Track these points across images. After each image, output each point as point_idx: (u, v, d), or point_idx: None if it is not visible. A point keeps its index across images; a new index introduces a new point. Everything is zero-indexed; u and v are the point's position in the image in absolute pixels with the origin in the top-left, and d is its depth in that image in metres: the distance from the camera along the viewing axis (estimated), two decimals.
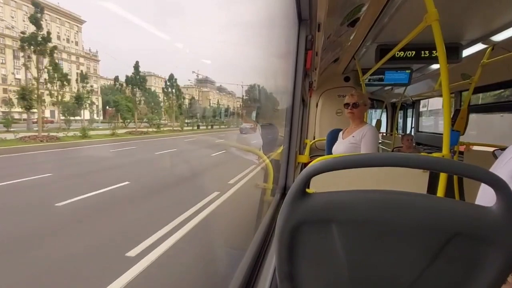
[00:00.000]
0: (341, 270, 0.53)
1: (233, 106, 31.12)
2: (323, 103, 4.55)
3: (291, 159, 1.94)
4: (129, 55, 22.09)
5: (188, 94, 20.49)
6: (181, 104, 12.96)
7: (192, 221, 3.52)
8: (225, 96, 32.24)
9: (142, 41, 17.06)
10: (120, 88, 11.65)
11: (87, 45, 11.52)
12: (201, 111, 19.39)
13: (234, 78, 29.20)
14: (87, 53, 11.14)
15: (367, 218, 0.49)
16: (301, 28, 1.60)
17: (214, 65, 19.43)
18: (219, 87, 32.25)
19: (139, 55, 29.86)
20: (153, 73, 15.44)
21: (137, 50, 24.07)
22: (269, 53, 2.30)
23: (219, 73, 16.64)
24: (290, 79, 1.75)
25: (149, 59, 21.97)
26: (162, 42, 17.28)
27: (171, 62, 21.38)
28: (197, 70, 19.27)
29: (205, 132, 16.74)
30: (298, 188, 0.50)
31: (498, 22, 2.00)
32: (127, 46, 18.82)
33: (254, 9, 2.55)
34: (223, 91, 32.09)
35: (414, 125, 5.82)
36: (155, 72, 16.22)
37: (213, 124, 17.62)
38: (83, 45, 10.73)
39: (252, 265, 1.01)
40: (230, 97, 32.51)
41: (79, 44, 10.44)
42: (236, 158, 8.58)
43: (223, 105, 30.00)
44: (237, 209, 4.38)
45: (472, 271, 0.47)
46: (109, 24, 21.93)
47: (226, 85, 32.75)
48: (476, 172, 0.44)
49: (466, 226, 0.45)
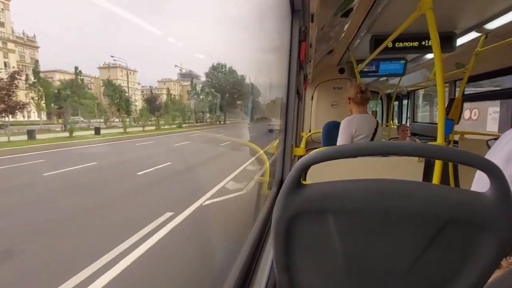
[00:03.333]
0: (338, 259, 0.53)
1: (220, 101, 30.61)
2: (318, 95, 4.54)
3: (287, 152, 1.94)
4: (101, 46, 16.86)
5: (166, 89, 18.69)
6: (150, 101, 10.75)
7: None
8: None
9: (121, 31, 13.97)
10: (70, 83, 9.46)
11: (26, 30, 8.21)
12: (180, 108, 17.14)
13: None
14: (19, 37, 8.50)
15: (362, 208, 0.49)
16: (294, 19, 1.58)
17: (204, 59, 17.72)
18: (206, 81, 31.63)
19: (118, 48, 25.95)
20: (119, 64, 11.92)
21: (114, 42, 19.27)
22: (262, 45, 2.27)
23: (206, 66, 14.54)
24: (284, 71, 1.73)
25: (133, 53, 18.49)
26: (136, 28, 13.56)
27: (154, 56, 18.33)
28: (180, 64, 17.58)
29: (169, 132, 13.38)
30: (293, 179, 0.50)
31: (492, 10, 2.00)
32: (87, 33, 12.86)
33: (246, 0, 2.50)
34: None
35: (409, 116, 5.84)
36: (123, 64, 12.82)
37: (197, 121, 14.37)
38: (12, 27, 7.86)
39: (250, 257, 1.02)
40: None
41: (6, 25, 7.69)
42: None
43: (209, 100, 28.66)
44: (235, 203, 4.41)
45: (466, 257, 0.48)
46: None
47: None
48: (469, 158, 0.44)
49: (459, 212, 0.45)
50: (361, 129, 1.96)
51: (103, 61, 10.23)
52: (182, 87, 20.70)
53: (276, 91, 2.07)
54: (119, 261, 2.48)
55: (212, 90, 12.81)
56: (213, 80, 12.78)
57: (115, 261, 2.48)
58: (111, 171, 6.20)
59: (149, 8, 11.35)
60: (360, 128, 1.96)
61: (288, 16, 1.57)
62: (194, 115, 12.49)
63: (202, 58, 20.06)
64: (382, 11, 1.96)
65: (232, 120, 13.47)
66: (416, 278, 0.51)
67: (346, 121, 2.00)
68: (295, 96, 1.89)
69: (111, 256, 2.54)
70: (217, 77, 12.54)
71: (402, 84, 4.85)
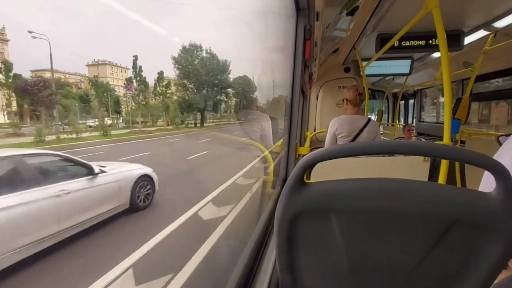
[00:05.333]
0: (341, 259, 0.53)
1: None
2: (323, 94, 4.52)
3: (291, 151, 1.94)
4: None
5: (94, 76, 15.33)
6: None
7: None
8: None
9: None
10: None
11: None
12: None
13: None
14: None
15: (366, 207, 0.48)
16: (299, 18, 1.58)
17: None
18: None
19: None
20: (108, 61, 9.13)
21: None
22: (267, 44, 2.27)
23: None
24: (289, 70, 1.73)
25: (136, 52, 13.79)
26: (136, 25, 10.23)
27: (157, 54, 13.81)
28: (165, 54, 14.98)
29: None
30: (296, 178, 0.50)
31: (501, 8, 1.96)
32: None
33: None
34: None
35: (415, 115, 5.78)
36: (114, 61, 10.51)
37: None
38: None
39: (253, 256, 1.02)
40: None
41: None
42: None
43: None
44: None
45: (471, 257, 0.47)
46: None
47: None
48: (474, 158, 0.43)
49: (465, 213, 0.44)
50: (341, 129, 2.11)
51: (92, 58, 8.01)
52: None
53: (280, 90, 2.06)
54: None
55: (185, 82, 10.15)
56: (185, 68, 10.04)
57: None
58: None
59: (152, 7, 9.94)
60: (340, 128, 2.12)
61: (293, 14, 1.56)
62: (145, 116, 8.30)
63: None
64: (388, 10, 1.94)
65: (215, 122, 11.38)
66: (420, 278, 0.50)
67: (331, 122, 2.20)
68: (299, 95, 1.89)
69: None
70: (191, 64, 9.86)
71: (408, 83, 4.80)
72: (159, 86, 8.21)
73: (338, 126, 2.12)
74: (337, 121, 2.14)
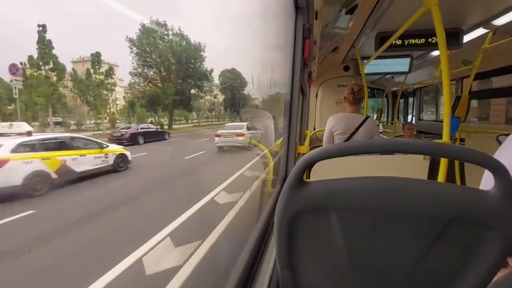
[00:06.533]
0: (341, 257, 0.53)
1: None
2: (323, 93, 4.52)
3: (291, 149, 1.94)
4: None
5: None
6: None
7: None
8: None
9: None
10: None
11: None
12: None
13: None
14: None
15: (365, 205, 0.48)
16: (298, 17, 1.57)
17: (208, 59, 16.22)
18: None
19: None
20: (105, 60, 6.87)
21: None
22: (266, 43, 2.27)
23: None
24: (288, 69, 1.73)
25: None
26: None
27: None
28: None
29: None
30: (296, 177, 0.50)
31: (500, 6, 1.96)
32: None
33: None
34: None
35: (415, 114, 5.78)
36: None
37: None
38: None
39: (253, 255, 1.02)
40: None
41: None
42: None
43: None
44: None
45: (471, 255, 0.47)
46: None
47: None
48: (473, 156, 0.43)
49: (464, 210, 0.45)
50: (337, 126, 2.14)
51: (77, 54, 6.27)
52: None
53: (279, 89, 2.06)
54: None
55: (145, 71, 7.52)
56: (146, 53, 7.46)
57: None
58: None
59: (151, 6, 9.29)
60: (337, 125, 2.14)
61: (292, 13, 1.56)
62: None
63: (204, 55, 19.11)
64: (388, 8, 1.93)
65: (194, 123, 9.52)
66: (420, 276, 0.51)
67: (329, 119, 2.23)
68: (299, 93, 1.89)
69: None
70: (154, 47, 7.33)
71: (408, 82, 4.80)
72: (96, 73, 5.70)
73: (335, 123, 2.15)
74: (334, 119, 2.17)
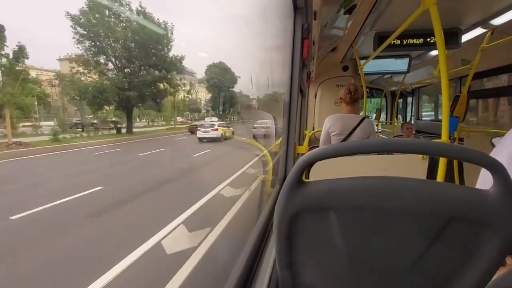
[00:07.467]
0: (340, 257, 0.53)
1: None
2: (322, 93, 4.52)
3: (290, 150, 1.94)
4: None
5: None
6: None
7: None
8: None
9: None
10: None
11: None
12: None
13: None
14: None
15: (364, 205, 0.48)
16: (296, 17, 1.57)
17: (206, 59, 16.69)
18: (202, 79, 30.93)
19: None
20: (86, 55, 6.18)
21: None
22: (264, 43, 2.27)
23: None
24: (287, 69, 1.73)
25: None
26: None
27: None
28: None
29: None
30: (295, 177, 0.50)
31: (498, 5, 1.96)
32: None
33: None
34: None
35: (414, 113, 5.79)
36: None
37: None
38: None
39: (252, 255, 1.02)
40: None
41: None
42: None
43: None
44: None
45: (469, 254, 0.47)
46: None
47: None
48: (471, 155, 0.43)
49: (462, 210, 0.45)
50: (334, 127, 2.14)
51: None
52: None
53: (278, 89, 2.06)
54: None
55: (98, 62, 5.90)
56: (99, 38, 5.89)
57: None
58: None
59: (150, 6, 9.25)
60: (333, 126, 2.14)
61: (290, 13, 1.56)
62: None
63: (204, 56, 19.13)
64: (386, 8, 1.94)
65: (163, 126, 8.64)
66: (419, 275, 0.51)
67: (325, 120, 2.22)
68: (298, 93, 1.89)
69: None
70: (110, 30, 5.81)
71: (406, 81, 4.80)
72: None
73: (331, 124, 2.14)
74: (331, 119, 2.16)
